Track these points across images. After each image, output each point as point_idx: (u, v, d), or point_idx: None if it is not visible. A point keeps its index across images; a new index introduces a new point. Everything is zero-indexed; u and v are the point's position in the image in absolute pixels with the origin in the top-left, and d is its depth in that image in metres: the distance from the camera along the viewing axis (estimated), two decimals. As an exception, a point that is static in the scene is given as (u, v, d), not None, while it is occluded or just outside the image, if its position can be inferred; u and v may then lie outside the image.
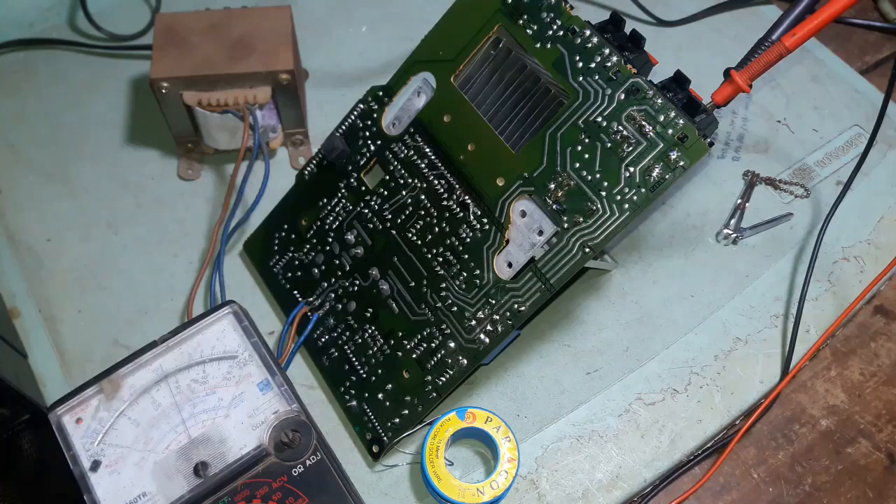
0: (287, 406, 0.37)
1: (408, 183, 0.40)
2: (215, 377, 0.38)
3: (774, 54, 0.34)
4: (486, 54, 0.39)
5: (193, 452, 0.36)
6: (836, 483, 0.42)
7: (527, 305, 0.36)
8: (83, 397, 0.37)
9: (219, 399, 0.37)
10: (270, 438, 0.36)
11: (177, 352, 0.38)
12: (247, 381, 0.38)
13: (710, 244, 0.46)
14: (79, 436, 0.36)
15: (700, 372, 0.42)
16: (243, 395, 0.37)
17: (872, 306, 0.48)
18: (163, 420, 0.37)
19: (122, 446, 0.36)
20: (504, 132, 0.38)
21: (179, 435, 0.36)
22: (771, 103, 0.53)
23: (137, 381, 0.37)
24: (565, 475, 0.38)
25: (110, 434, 0.36)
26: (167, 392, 0.37)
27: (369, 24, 0.57)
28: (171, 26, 0.46)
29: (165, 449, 0.36)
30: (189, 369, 0.38)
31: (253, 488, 0.35)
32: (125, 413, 0.37)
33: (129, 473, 0.35)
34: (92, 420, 0.36)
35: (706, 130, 0.33)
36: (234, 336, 0.39)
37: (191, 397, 0.37)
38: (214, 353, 0.38)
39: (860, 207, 0.47)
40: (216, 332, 0.39)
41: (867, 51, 0.59)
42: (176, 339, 0.38)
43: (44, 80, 0.53)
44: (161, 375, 0.38)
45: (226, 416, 0.37)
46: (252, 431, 0.36)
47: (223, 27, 0.46)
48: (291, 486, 0.35)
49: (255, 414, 0.37)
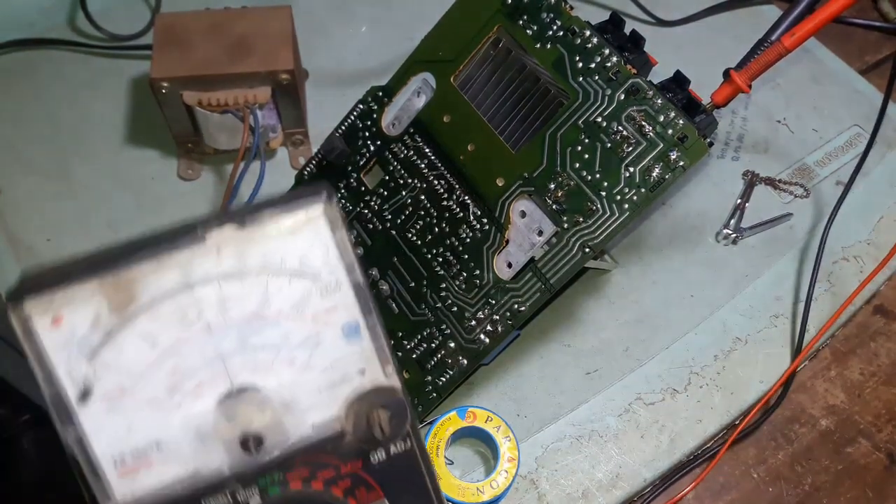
0: (380, 370, 0.26)
1: (407, 183, 0.40)
2: (281, 302, 0.25)
3: (774, 54, 0.34)
4: (486, 54, 0.39)
5: (242, 413, 0.25)
6: (835, 483, 0.42)
7: (527, 305, 0.36)
8: (71, 294, 0.24)
9: (283, 336, 0.25)
10: (352, 411, 0.26)
11: (229, 254, 0.25)
12: (328, 319, 0.26)
13: (710, 244, 0.46)
14: (57, 344, 0.24)
15: (700, 372, 0.42)
16: (320, 337, 0.26)
17: (872, 306, 0.48)
18: (193, 346, 0.25)
19: (129, 372, 0.24)
20: (504, 132, 0.38)
21: (217, 375, 0.25)
22: (771, 103, 0.53)
23: (160, 281, 0.24)
24: (565, 475, 0.39)
25: (109, 350, 0.24)
26: (206, 306, 0.25)
27: (369, 24, 0.57)
28: (171, 26, 0.46)
29: (196, 390, 0.25)
30: (243, 280, 0.25)
31: (314, 468, 0.26)
32: (134, 323, 0.24)
33: (137, 414, 0.24)
34: (79, 324, 0.24)
35: (706, 131, 0.33)
36: (320, 246, 0.26)
37: (241, 324, 0.25)
38: (286, 266, 0.25)
39: (860, 207, 0.47)
40: (294, 234, 0.25)
41: (867, 51, 0.59)
42: (228, 232, 0.25)
43: (44, 80, 0.53)
44: (199, 281, 0.25)
45: (291, 363, 0.25)
46: (326, 394, 0.26)
47: (223, 27, 0.46)
48: (366, 474, 0.27)
49: (333, 369, 0.26)
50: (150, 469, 0.24)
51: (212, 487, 0.25)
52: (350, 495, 0.27)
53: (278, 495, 0.26)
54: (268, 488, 0.26)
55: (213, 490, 0.25)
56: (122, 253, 0.24)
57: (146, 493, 0.24)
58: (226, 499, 0.25)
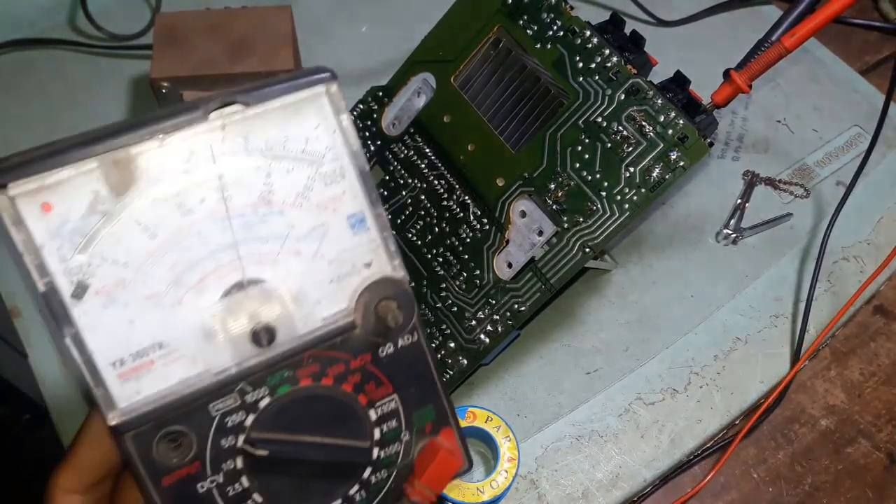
0: (388, 262, 0.26)
1: (408, 183, 0.40)
2: (286, 189, 0.24)
3: (774, 54, 0.34)
4: (486, 54, 0.39)
5: (250, 306, 0.24)
6: (835, 483, 0.42)
7: (527, 305, 0.36)
8: (58, 173, 0.21)
9: (288, 225, 0.24)
10: (360, 303, 0.25)
11: (233, 134, 0.23)
12: (333, 209, 0.25)
13: (710, 244, 0.46)
14: (47, 233, 0.21)
15: (700, 372, 0.42)
16: (326, 228, 0.25)
17: (872, 306, 0.48)
18: (196, 237, 0.23)
19: (126, 264, 0.22)
20: (504, 132, 0.38)
21: (221, 268, 0.23)
22: (771, 103, 0.53)
23: (161, 162, 0.23)
24: (565, 475, 0.39)
25: (104, 241, 0.22)
26: (207, 192, 0.23)
27: (369, 24, 0.57)
28: (172, 26, 0.46)
29: (198, 285, 0.23)
30: (246, 164, 0.23)
31: (324, 364, 0.25)
32: (133, 209, 0.22)
33: (136, 311, 0.22)
34: (73, 209, 0.22)
35: (706, 131, 0.33)
36: (323, 128, 0.25)
37: (244, 212, 0.23)
38: (289, 150, 0.24)
39: (860, 208, 0.47)
40: (297, 115, 0.24)
41: (867, 51, 0.59)
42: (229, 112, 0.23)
43: (44, 80, 0.53)
44: (201, 163, 0.23)
45: (297, 253, 0.24)
46: (334, 286, 0.25)
47: (223, 27, 0.46)
48: (375, 368, 0.26)
49: (341, 261, 0.25)
50: (151, 371, 0.23)
51: (219, 388, 0.24)
52: (360, 391, 0.26)
53: (288, 393, 0.25)
54: (277, 387, 0.25)
55: (221, 391, 0.24)
56: (120, 130, 0.22)
57: (149, 396, 0.23)
58: (234, 400, 0.24)
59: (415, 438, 0.28)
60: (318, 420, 0.26)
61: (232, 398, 0.24)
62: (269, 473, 0.25)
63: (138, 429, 0.23)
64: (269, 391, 0.25)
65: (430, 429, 0.28)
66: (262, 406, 0.24)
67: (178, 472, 0.24)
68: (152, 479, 0.24)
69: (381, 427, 0.27)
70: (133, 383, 0.23)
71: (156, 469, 0.24)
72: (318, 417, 0.25)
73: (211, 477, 0.24)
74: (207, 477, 0.24)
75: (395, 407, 0.27)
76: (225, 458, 0.24)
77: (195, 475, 0.24)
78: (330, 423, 0.26)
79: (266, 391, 0.25)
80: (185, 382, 0.23)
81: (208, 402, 0.24)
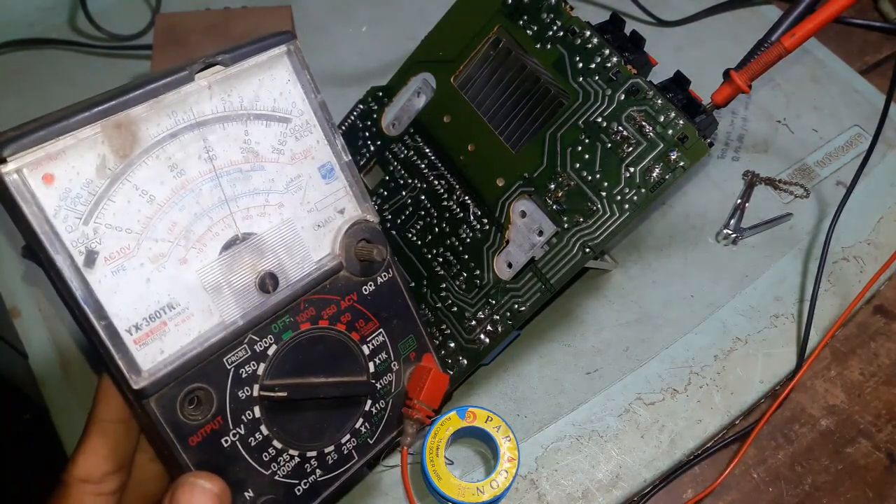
0: (358, 206, 0.28)
1: (408, 183, 0.40)
2: (262, 145, 0.26)
3: (774, 55, 0.34)
4: (486, 55, 0.39)
5: (250, 258, 0.26)
6: (835, 483, 0.42)
7: (527, 306, 0.36)
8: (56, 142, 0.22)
9: (269, 179, 0.26)
10: (342, 247, 0.28)
11: (217, 92, 0.25)
12: (305, 161, 0.27)
13: (710, 244, 0.46)
14: (52, 203, 0.22)
15: (700, 372, 0.42)
16: (301, 179, 0.27)
17: (872, 306, 0.48)
18: (190, 197, 0.24)
19: (129, 230, 0.23)
20: (504, 132, 0.38)
21: (216, 224, 0.25)
22: (771, 103, 0.53)
23: (150, 127, 0.24)
24: (565, 475, 0.39)
25: (107, 208, 0.23)
26: (193, 153, 0.24)
27: (369, 24, 0.57)
28: (171, 26, 0.46)
29: (198, 243, 0.25)
30: (225, 124, 0.25)
31: (319, 307, 0.28)
32: (129, 178, 0.23)
33: (144, 274, 0.23)
34: (72, 181, 0.22)
35: (706, 131, 0.33)
36: (288, 87, 0.27)
37: (230, 170, 0.25)
38: (260, 108, 0.26)
39: (860, 208, 0.47)
40: (264, 75, 0.26)
41: (867, 51, 0.59)
42: (219, 75, 0.25)
43: (44, 80, 0.53)
44: (185, 125, 0.24)
45: (280, 205, 0.26)
46: (317, 233, 0.28)
47: (223, 27, 0.46)
48: (361, 306, 0.29)
49: (318, 210, 0.27)
50: (166, 333, 0.24)
51: (230, 340, 0.25)
52: (352, 329, 0.29)
53: (292, 338, 0.27)
54: (282, 333, 0.27)
55: (232, 344, 0.25)
56: (115, 95, 0.23)
57: (168, 357, 0.24)
58: (245, 351, 0.26)
59: (403, 367, 0.31)
60: (322, 360, 0.28)
61: (242, 349, 0.26)
62: (283, 419, 0.27)
63: (161, 391, 0.24)
64: (274, 339, 0.27)
65: (413, 356, 0.31)
66: (271, 353, 0.26)
67: (202, 430, 0.25)
68: (180, 441, 0.25)
69: (374, 360, 0.30)
70: (150, 347, 0.24)
71: (182, 430, 0.25)
72: (321, 358, 0.28)
73: (233, 430, 0.26)
74: (230, 430, 0.26)
75: (382, 340, 0.30)
76: (244, 410, 0.26)
77: (219, 430, 0.25)
78: (332, 362, 0.28)
79: (272, 339, 0.26)
80: (199, 339, 0.25)
81: (222, 356, 0.25)
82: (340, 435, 0.29)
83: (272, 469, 0.27)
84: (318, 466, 0.29)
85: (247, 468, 0.26)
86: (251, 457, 0.26)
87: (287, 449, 0.27)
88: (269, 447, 0.27)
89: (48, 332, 0.43)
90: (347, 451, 0.29)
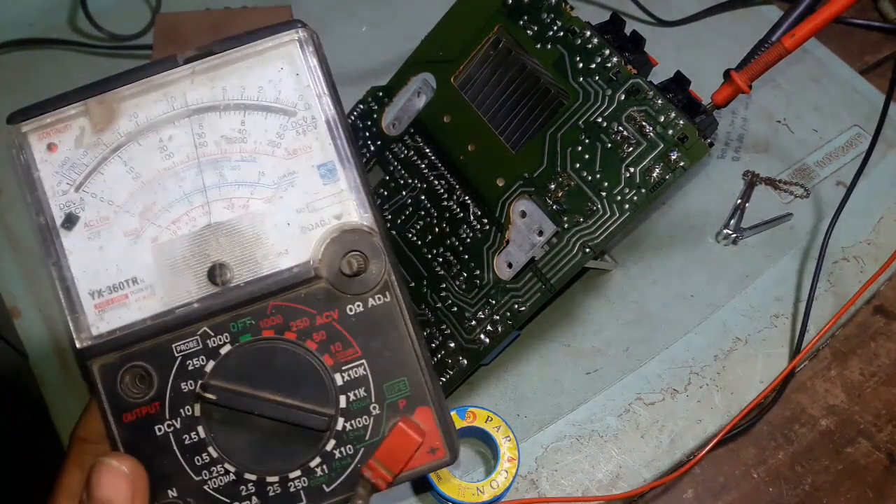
0: (357, 214, 0.25)
1: (408, 183, 0.40)
2: (257, 137, 0.26)
3: (774, 55, 0.34)
4: (487, 55, 0.39)
5: (212, 246, 0.25)
6: (836, 483, 0.42)
7: (527, 306, 0.36)
8: (62, 115, 0.26)
9: (259, 172, 0.25)
10: (326, 255, 0.25)
11: (205, 80, 0.26)
12: (303, 158, 0.26)
13: (710, 244, 0.46)
14: (50, 170, 0.25)
15: (700, 372, 0.42)
16: (295, 177, 0.26)
17: (872, 306, 0.48)
18: (173, 180, 0.25)
19: (111, 202, 0.25)
20: (504, 132, 0.38)
21: (194, 209, 0.25)
22: (771, 103, 0.53)
23: (142, 109, 0.26)
24: (565, 475, 0.39)
25: (95, 180, 0.25)
26: (185, 138, 0.25)
27: (369, 24, 0.57)
28: (172, 26, 0.46)
29: (172, 225, 0.25)
30: (221, 113, 0.25)
31: (288, 316, 0.25)
32: (120, 154, 0.25)
33: (117, 246, 0.25)
34: (71, 152, 0.25)
35: (706, 131, 0.33)
36: (294, 78, 0.26)
37: (218, 158, 0.25)
38: (262, 99, 0.26)
39: (860, 207, 0.47)
40: (270, 65, 0.26)
41: (867, 51, 0.59)
42: (207, 63, 0.26)
43: (44, 80, 0.53)
44: (180, 110, 0.25)
45: (266, 200, 0.26)
46: (300, 236, 0.25)
47: (223, 27, 0.46)
48: (341, 327, 0.25)
49: (309, 211, 0.26)
50: (125, 305, 0.25)
51: (182, 324, 0.25)
52: (325, 351, 0.25)
53: (249, 342, 0.25)
54: (239, 335, 0.25)
55: (183, 332, 0.25)
56: (112, 79, 0.26)
57: (119, 327, 0.25)
58: (196, 343, 0.25)
59: (386, 414, 0.25)
60: (279, 376, 0.25)
61: (194, 340, 0.25)
62: (225, 428, 0.25)
63: (104, 357, 0.25)
64: (230, 338, 0.25)
65: (403, 405, 0.26)
66: (223, 353, 0.25)
67: (137, 410, 0.25)
68: (114, 414, 0.25)
69: (347, 395, 0.25)
70: (108, 314, 0.25)
71: (118, 403, 0.25)
72: (279, 373, 0.25)
73: (168, 420, 0.25)
74: (165, 420, 0.25)
75: (363, 374, 0.25)
76: (183, 403, 0.25)
77: (154, 416, 0.25)
78: (290, 382, 0.25)
79: (227, 338, 0.25)
80: (151, 318, 0.25)
81: (171, 342, 0.25)
82: (288, 468, 0.25)
83: (203, 476, 0.25)
84: (254, 493, 0.25)
85: (175, 465, 0.25)
86: (182, 455, 0.25)
87: (223, 461, 0.25)
88: (204, 452, 0.25)
89: (48, 332, 0.43)
90: (295, 490, 0.25)
